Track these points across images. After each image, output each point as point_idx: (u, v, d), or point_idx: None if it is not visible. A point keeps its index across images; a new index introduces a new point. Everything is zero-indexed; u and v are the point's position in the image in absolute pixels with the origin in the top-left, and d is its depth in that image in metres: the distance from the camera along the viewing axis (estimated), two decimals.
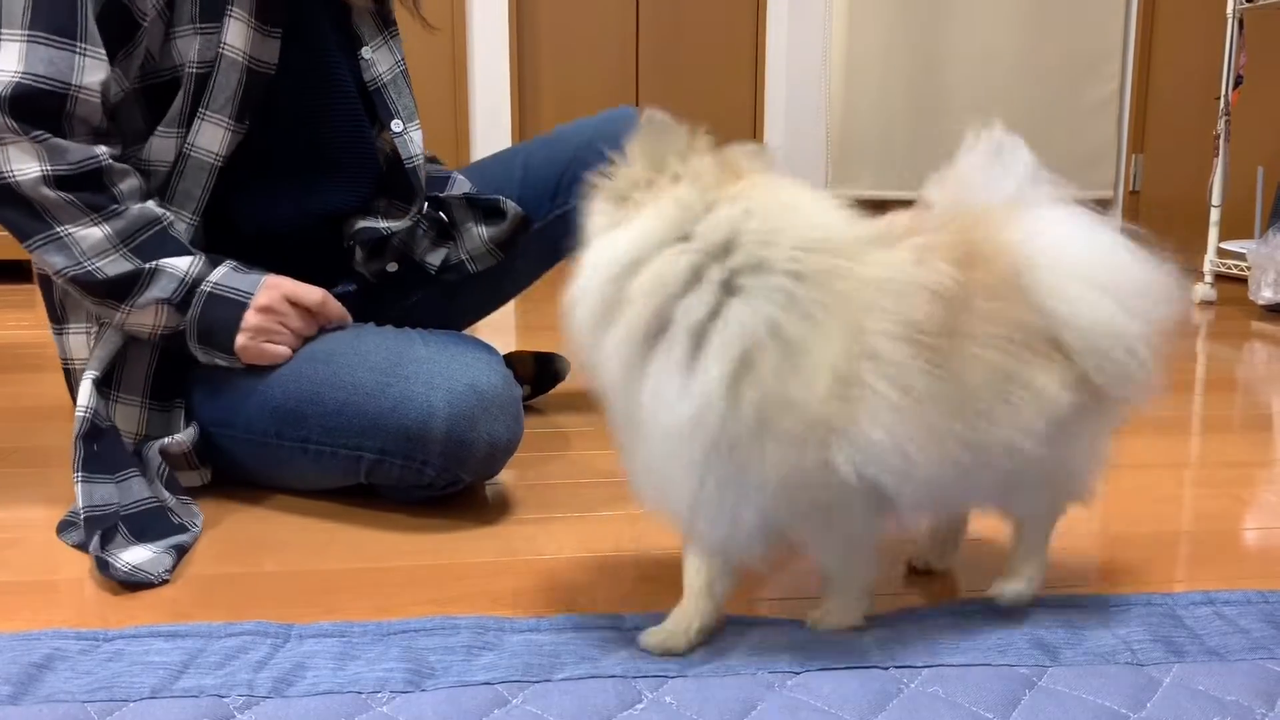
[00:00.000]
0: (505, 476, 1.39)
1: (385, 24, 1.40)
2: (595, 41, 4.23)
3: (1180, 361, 2.18)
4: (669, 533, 1.19)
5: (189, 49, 1.19)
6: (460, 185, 1.51)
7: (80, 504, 1.10)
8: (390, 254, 1.43)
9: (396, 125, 1.40)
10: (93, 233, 1.16)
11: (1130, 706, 0.80)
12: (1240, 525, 1.21)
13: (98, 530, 1.07)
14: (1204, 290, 3.02)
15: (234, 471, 1.29)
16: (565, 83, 4.25)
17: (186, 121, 1.22)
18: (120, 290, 1.18)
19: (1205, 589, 1.00)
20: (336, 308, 1.29)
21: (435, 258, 1.46)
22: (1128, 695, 0.81)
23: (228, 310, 1.21)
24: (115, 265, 1.17)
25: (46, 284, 1.27)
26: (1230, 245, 3.00)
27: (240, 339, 1.21)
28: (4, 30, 1.10)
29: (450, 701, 0.80)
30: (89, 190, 1.15)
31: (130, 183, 1.19)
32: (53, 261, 1.16)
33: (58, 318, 1.28)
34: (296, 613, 0.98)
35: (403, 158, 1.40)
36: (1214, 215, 3.04)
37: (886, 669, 0.85)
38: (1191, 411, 1.76)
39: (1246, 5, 2.93)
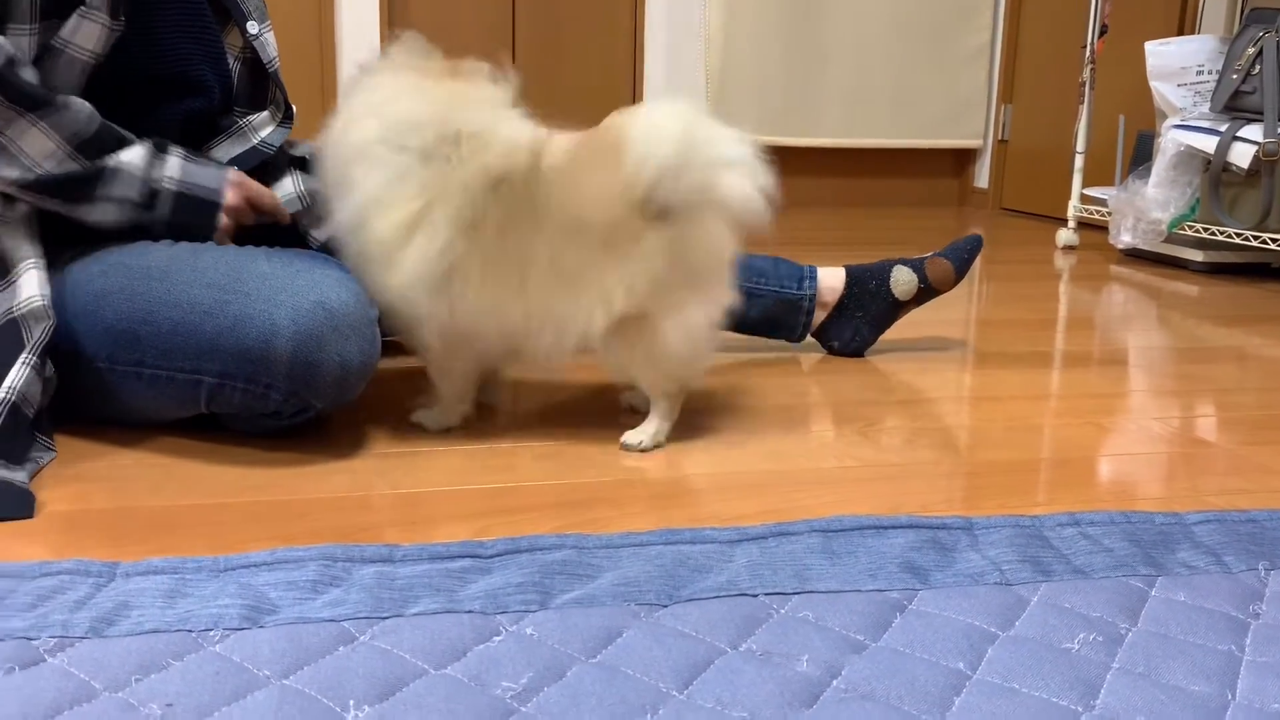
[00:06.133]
0: (363, 410, 1.32)
1: None
2: None
3: (1043, 302, 2.22)
4: (537, 464, 1.15)
5: None
6: (301, 149, 1.44)
7: (13, 385, 1.06)
8: None
9: (252, 27, 1.30)
10: (34, 134, 1.11)
11: (999, 625, 0.79)
12: (1100, 451, 1.23)
13: (6, 435, 1.03)
14: (1067, 235, 3.10)
15: (69, 402, 1.18)
16: (439, 17, 4.09)
17: (41, 14, 1.14)
18: (83, 190, 1.15)
19: (1070, 510, 1.01)
20: (285, 214, 1.31)
21: (321, 233, 1.38)
22: (997, 614, 0.80)
23: (202, 212, 1.21)
24: (65, 166, 1.13)
25: None
26: (1093, 191, 3.08)
27: (214, 238, 1.22)
28: None
29: (290, 639, 0.74)
30: (13, 83, 1.10)
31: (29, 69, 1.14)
32: (3, 175, 1.12)
33: None
34: (125, 551, 0.89)
35: (263, 60, 1.31)
36: (1078, 162, 3.11)
37: (756, 596, 0.83)
38: (1054, 349, 1.79)
39: None
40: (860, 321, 1.64)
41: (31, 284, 1.11)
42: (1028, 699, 0.69)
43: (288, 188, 1.36)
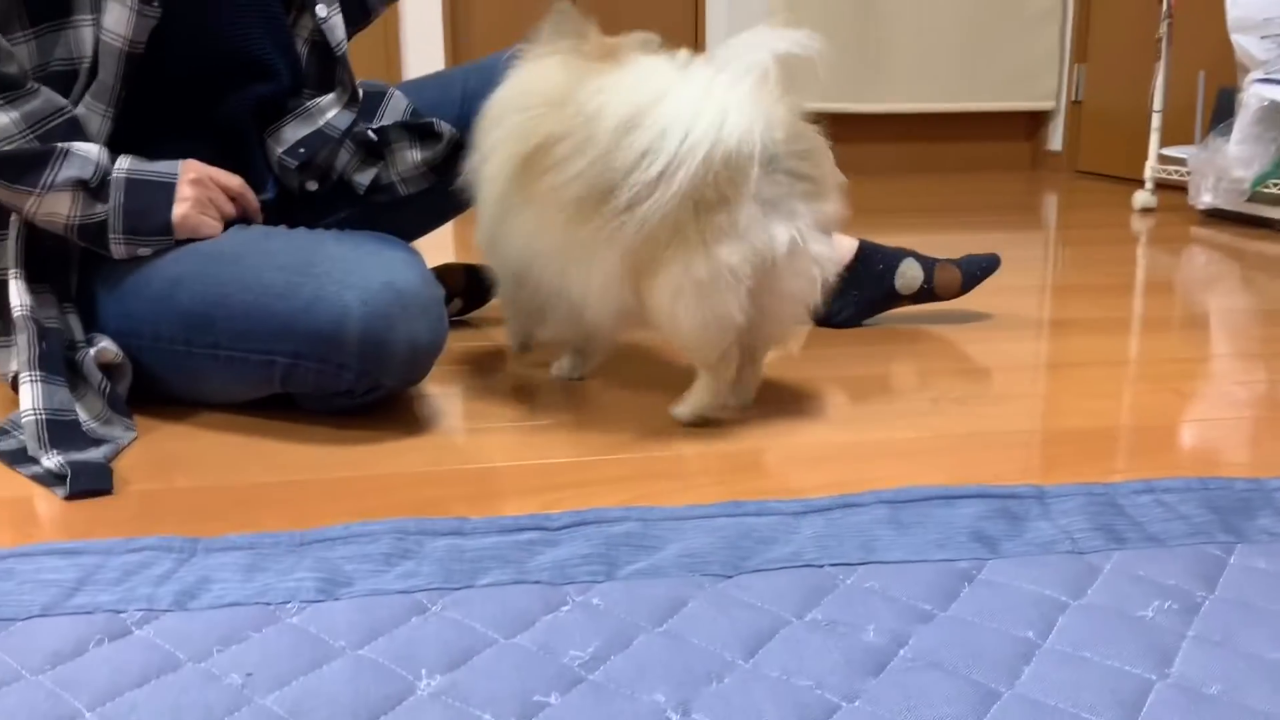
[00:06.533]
0: (434, 389, 1.34)
1: None
2: None
3: (1120, 266, 2.17)
4: (603, 438, 1.16)
5: None
6: (397, 102, 1.44)
7: (35, 405, 1.07)
8: (310, 171, 1.36)
9: (321, 10, 1.32)
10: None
11: (1070, 594, 0.78)
12: (1181, 418, 1.20)
13: (59, 437, 1.05)
14: (1145, 197, 3.01)
15: (147, 384, 1.22)
16: None
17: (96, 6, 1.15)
18: (33, 170, 1.12)
19: (1146, 478, 0.99)
20: (253, 197, 1.27)
21: (364, 177, 1.40)
22: (1068, 583, 0.79)
23: (154, 191, 1.18)
24: (15, 144, 1.11)
25: None
26: (1171, 151, 2.99)
27: (179, 209, 1.18)
28: None
29: (364, 610, 0.76)
30: None
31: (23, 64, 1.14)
32: None
33: None
34: (206, 528, 0.92)
35: (331, 44, 1.33)
36: (1155, 121, 3.02)
37: (821, 566, 0.83)
38: (1132, 313, 1.74)
39: None
40: (852, 299, 1.60)
41: (13, 293, 1.14)
42: (1099, 667, 0.68)
43: (408, 161, 1.41)
